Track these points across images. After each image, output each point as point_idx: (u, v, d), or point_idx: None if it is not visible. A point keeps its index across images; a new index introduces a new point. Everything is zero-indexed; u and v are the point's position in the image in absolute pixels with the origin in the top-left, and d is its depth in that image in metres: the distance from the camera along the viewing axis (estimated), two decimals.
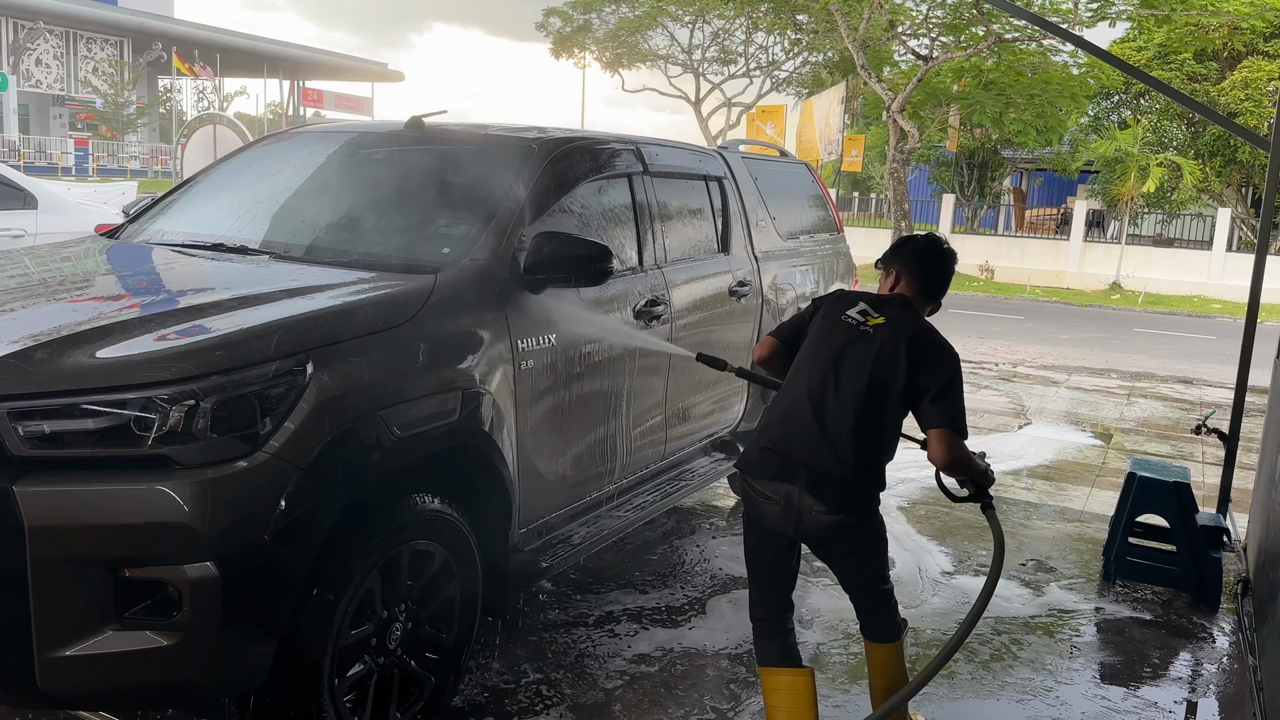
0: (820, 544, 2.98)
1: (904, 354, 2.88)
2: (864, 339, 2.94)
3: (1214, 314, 20.34)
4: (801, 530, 2.91)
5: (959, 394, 2.90)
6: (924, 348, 2.92)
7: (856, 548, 3.00)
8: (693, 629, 4.05)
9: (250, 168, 4.28)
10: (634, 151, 4.26)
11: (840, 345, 2.96)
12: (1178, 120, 27.27)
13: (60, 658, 2.31)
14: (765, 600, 3.10)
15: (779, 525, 2.93)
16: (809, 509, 2.85)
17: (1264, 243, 5.37)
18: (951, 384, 2.89)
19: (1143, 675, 3.96)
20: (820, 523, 2.86)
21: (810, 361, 2.99)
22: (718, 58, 36.31)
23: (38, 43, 39.42)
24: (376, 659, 2.84)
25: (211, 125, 22.67)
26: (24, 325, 2.64)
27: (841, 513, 2.85)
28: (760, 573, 3.10)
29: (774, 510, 2.91)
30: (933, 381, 2.87)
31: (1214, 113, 6.09)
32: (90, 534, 2.30)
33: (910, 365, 2.88)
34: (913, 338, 2.92)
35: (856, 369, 2.90)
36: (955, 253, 3.19)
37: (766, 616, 3.09)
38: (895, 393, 2.89)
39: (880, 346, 2.91)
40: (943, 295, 3.15)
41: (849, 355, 2.92)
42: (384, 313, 2.90)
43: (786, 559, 3.06)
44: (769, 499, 2.92)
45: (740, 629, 4.06)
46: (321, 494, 2.53)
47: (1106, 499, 6.14)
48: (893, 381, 2.88)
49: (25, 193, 8.03)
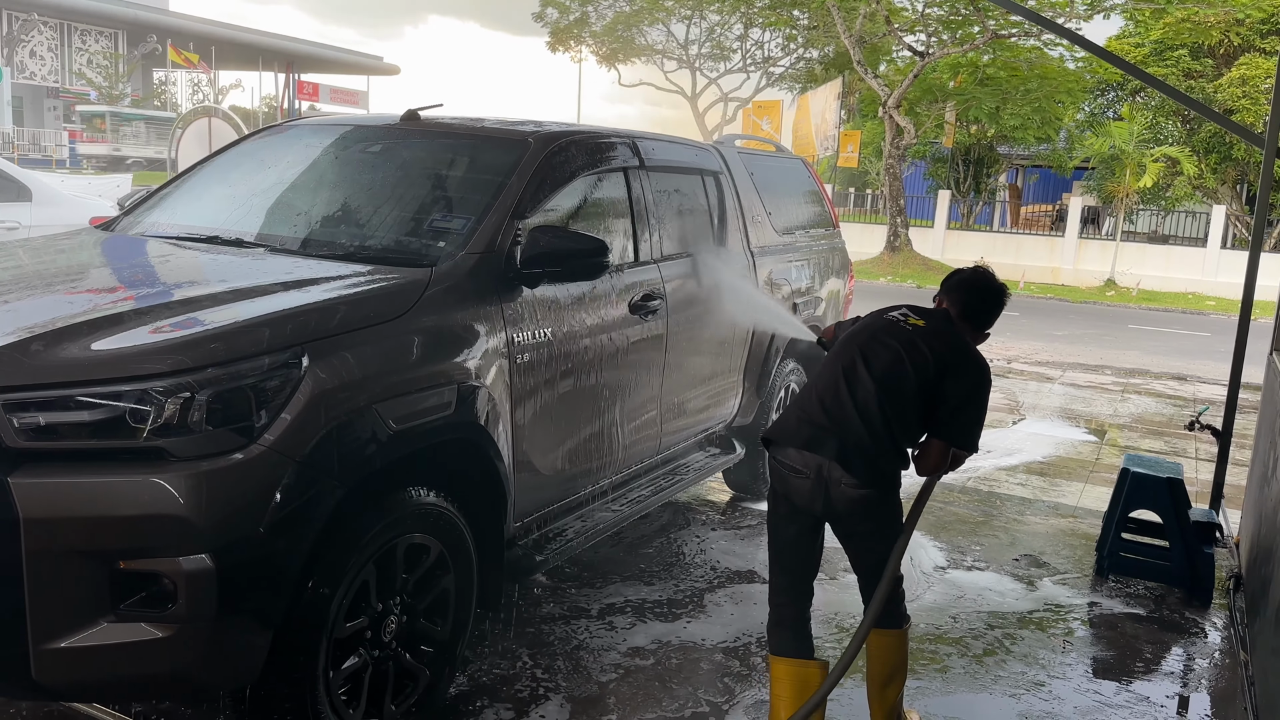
0: (844, 521, 3.03)
1: (937, 354, 3.00)
2: (902, 331, 3.07)
3: (1208, 311, 20.40)
4: (829, 505, 2.96)
5: (981, 409, 3.03)
6: (959, 351, 3.04)
7: (878, 528, 3.06)
8: (688, 623, 4.06)
9: (246, 160, 4.27)
10: (630, 146, 4.26)
11: (879, 331, 3.09)
12: (1173, 117, 27.29)
13: (55, 649, 2.31)
14: (785, 585, 3.13)
15: (807, 501, 2.98)
16: (837, 482, 2.91)
17: (1258, 240, 5.39)
18: (975, 396, 3.01)
19: (1135, 670, 3.98)
20: (848, 496, 2.92)
21: (848, 342, 3.12)
22: (714, 53, 36.29)
23: (32, 34, 39.29)
24: (371, 652, 2.85)
25: (207, 118, 22.61)
26: (19, 317, 2.63)
27: (869, 487, 2.92)
28: (782, 555, 3.13)
29: (803, 484, 2.96)
30: (959, 388, 2.99)
31: (1210, 110, 6.10)
32: (85, 526, 2.30)
33: (940, 365, 2.98)
34: (950, 341, 3.06)
35: (891, 354, 3.01)
36: (1005, 288, 3.23)
37: (786, 602, 3.12)
38: (921, 387, 2.98)
39: (915, 341, 3.03)
40: (986, 326, 3.21)
41: (886, 341, 3.05)
42: (380, 306, 2.90)
43: (810, 541, 3.10)
44: (799, 472, 2.96)
45: (735, 622, 4.07)
46: (317, 487, 2.54)
47: (1100, 494, 6.16)
48: (921, 376, 2.98)
49: (19, 185, 8.01)
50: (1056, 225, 29.01)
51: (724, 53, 36.12)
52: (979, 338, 3.21)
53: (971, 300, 3.18)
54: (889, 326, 3.11)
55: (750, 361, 5.06)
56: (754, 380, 5.12)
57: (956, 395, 2.98)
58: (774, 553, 3.16)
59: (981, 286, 3.20)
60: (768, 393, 5.22)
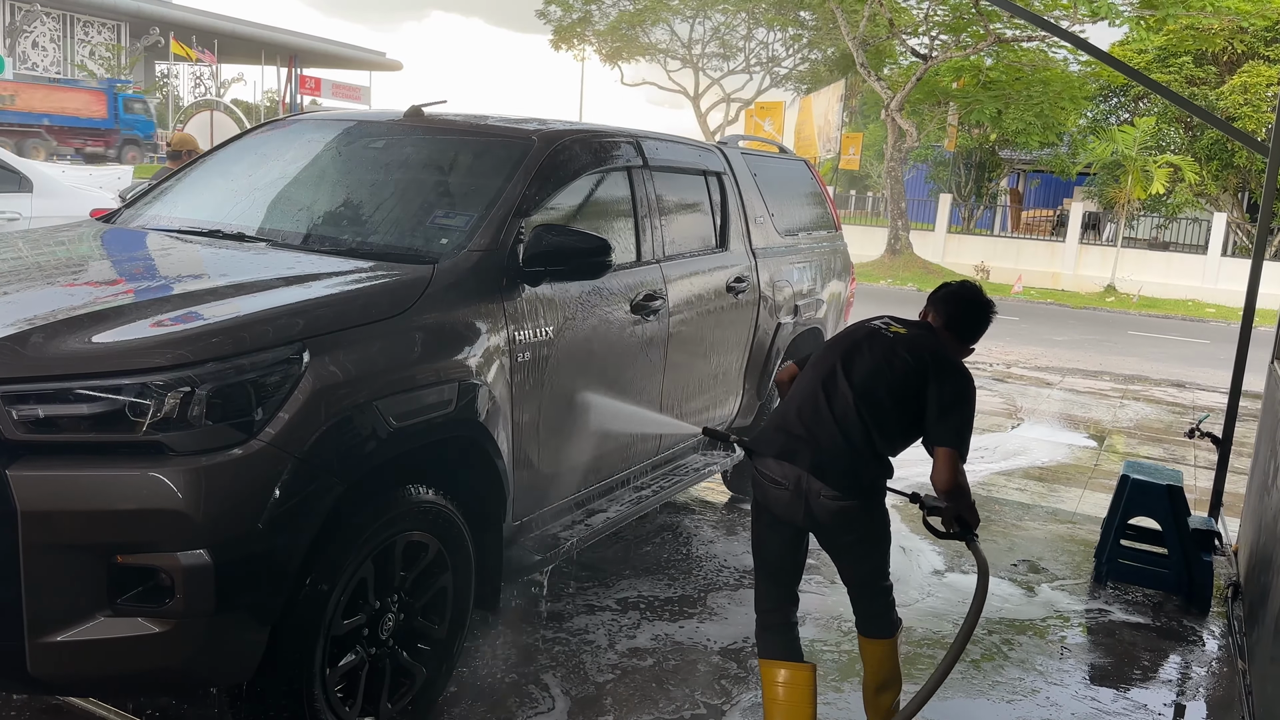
0: (827, 532, 3.00)
1: (918, 360, 2.98)
2: (883, 339, 3.06)
3: (1208, 318, 20.40)
4: (810, 517, 2.93)
5: (968, 414, 2.99)
6: (939, 360, 3.02)
7: (862, 538, 3.03)
8: (686, 623, 4.05)
9: (248, 154, 4.26)
10: (634, 145, 4.25)
11: (859, 339, 3.08)
12: (1176, 123, 27.30)
13: (51, 643, 2.30)
14: (770, 592, 3.11)
15: (787, 513, 2.96)
16: (816, 494, 2.88)
17: (1260, 247, 5.38)
18: (960, 401, 2.98)
19: (1133, 677, 3.97)
20: (827, 509, 2.89)
21: (827, 352, 3.12)
22: (718, 53, 36.28)
23: (34, 25, 39.23)
24: (368, 649, 2.84)
25: (209, 111, 22.58)
26: (20, 309, 2.62)
27: (848, 498, 2.89)
28: (767, 563, 3.11)
29: (783, 495, 2.94)
30: (942, 393, 2.95)
31: (1213, 116, 6.09)
32: (83, 520, 2.29)
33: (921, 371, 2.96)
34: (931, 349, 3.04)
35: (871, 360, 3.00)
36: (991, 303, 3.24)
37: (771, 608, 3.10)
38: (902, 394, 2.96)
39: (896, 347, 3.02)
40: (972, 340, 3.22)
41: (865, 348, 3.04)
42: (381, 302, 2.89)
43: (793, 550, 3.08)
44: (778, 483, 2.94)
45: (733, 624, 4.07)
46: (316, 483, 2.52)
47: (1099, 501, 6.15)
48: (902, 383, 2.96)
49: (21, 175, 8.00)
50: (1057, 230, 29.00)
51: (728, 52, 36.10)
52: (963, 351, 3.20)
53: (956, 312, 3.18)
54: (870, 335, 3.09)
55: (750, 363, 5.05)
56: (754, 382, 5.11)
57: (940, 399, 2.95)
58: (758, 561, 3.14)
59: (967, 299, 3.20)
60: (768, 394, 5.21)
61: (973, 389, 3.03)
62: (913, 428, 3.01)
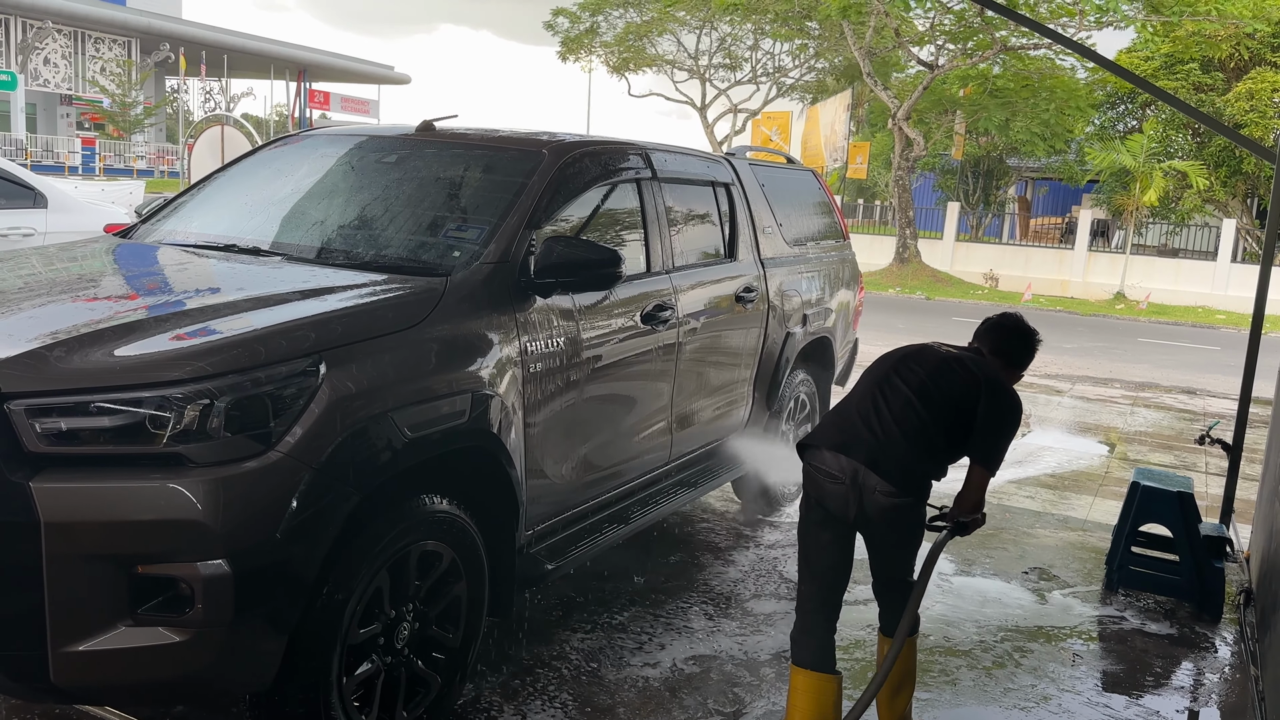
0: (875, 528, 3.07)
1: (974, 378, 3.08)
2: (937, 352, 3.18)
3: (1218, 325, 20.34)
4: (862, 512, 2.99)
5: (1009, 435, 3.09)
6: (993, 382, 3.11)
7: (905, 537, 3.12)
8: (697, 632, 4.06)
9: (262, 170, 4.31)
10: (643, 157, 4.28)
11: (912, 351, 3.21)
12: (1183, 130, 27.26)
13: (73, 652, 2.33)
14: (814, 594, 3.15)
15: (840, 507, 3.01)
16: (871, 489, 2.95)
17: (1269, 254, 5.38)
18: (1007, 424, 3.08)
19: (1145, 684, 3.97)
20: (881, 504, 2.96)
21: (881, 363, 3.23)
22: (724, 63, 36.35)
23: (46, 42, 39.52)
24: (384, 658, 2.87)
25: (219, 126, 22.72)
26: (41, 324, 2.66)
27: (902, 494, 2.96)
28: (812, 563, 3.15)
29: (838, 489, 2.99)
30: (992, 412, 3.05)
31: (1220, 124, 6.11)
32: (105, 530, 2.32)
33: (977, 388, 3.05)
34: (987, 372, 3.14)
35: (928, 367, 3.11)
36: (1035, 331, 3.35)
37: (812, 610, 3.14)
38: (958, 399, 3.05)
39: (952, 361, 3.13)
40: (1020, 367, 3.33)
41: (920, 358, 3.15)
42: (395, 315, 2.93)
43: (840, 549, 3.12)
44: (834, 477, 3.00)
45: (744, 634, 4.08)
46: (332, 493, 2.56)
47: (1109, 508, 6.15)
48: (962, 392, 3.05)
49: (36, 192, 8.06)
50: (1066, 238, 28.96)
51: (735, 63, 36.17)
52: (1014, 376, 3.30)
53: (1000, 339, 3.30)
54: (923, 349, 3.23)
55: (760, 372, 5.07)
56: (764, 391, 5.14)
57: (990, 417, 3.05)
58: (804, 560, 3.18)
59: (1009, 326, 3.33)
60: (777, 403, 5.23)
61: (1020, 414, 3.15)
62: (960, 440, 3.08)
